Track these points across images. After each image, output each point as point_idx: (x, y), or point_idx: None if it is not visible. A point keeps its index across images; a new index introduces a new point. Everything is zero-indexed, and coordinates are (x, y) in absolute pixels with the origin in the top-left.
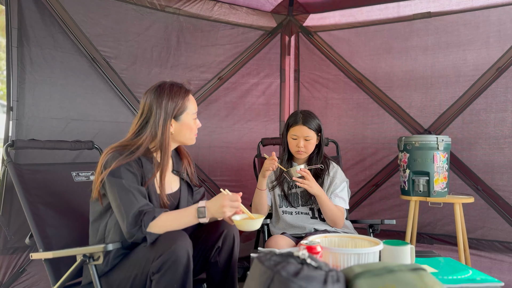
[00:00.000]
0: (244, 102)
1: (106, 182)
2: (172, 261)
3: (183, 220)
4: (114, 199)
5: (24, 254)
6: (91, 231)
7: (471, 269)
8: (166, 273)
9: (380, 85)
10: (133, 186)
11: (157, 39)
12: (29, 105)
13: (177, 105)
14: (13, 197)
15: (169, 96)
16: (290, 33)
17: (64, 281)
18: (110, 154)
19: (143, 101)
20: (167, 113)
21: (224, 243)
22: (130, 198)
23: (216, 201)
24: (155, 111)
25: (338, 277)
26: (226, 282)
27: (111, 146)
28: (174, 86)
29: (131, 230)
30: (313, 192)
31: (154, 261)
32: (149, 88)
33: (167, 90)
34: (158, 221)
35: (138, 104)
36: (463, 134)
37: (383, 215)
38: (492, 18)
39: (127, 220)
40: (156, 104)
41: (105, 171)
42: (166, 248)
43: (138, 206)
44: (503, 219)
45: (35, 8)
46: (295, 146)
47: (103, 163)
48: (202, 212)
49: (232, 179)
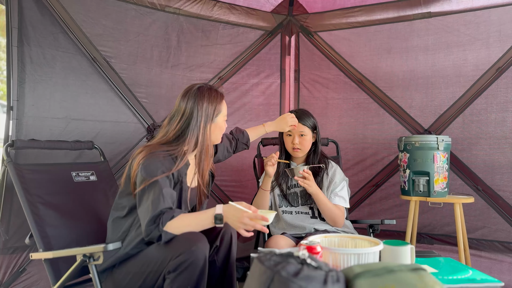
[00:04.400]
0: (244, 102)
1: (141, 182)
2: (190, 262)
3: (200, 223)
4: (145, 198)
5: (24, 254)
6: (112, 226)
7: (471, 269)
8: (182, 273)
9: (380, 85)
10: (166, 190)
11: (157, 39)
12: (29, 105)
13: (216, 108)
14: (13, 197)
15: (209, 99)
16: (290, 33)
17: (64, 281)
18: (150, 154)
19: (183, 104)
20: (208, 116)
21: (222, 242)
22: (160, 199)
23: (235, 213)
24: (196, 114)
25: (338, 277)
26: (224, 281)
27: (150, 144)
28: (212, 89)
29: (149, 227)
30: (310, 191)
31: (172, 260)
32: (187, 91)
33: (206, 93)
34: (176, 221)
35: (138, 104)
36: (464, 134)
37: (383, 215)
38: (492, 18)
39: (148, 218)
40: (197, 107)
41: (144, 171)
42: (186, 249)
43: (162, 207)
44: (503, 219)
45: (36, 8)
46: (290, 143)
47: (142, 162)
48: (220, 219)
49: (232, 179)
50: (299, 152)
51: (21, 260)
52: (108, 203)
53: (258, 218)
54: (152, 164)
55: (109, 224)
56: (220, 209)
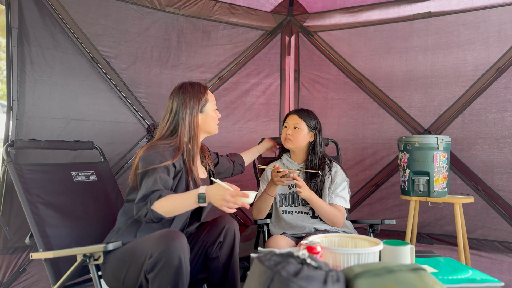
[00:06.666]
0: (244, 102)
1: (141, 171)
2: (163, 263)
3: (184, 202)
4: (143, 184)
5: (24, 254)
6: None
7: (471, 269)
8: (160, 273)
9: (380, 85)
10: (161, 175)
11: (157, 39)
12: (29, 105)
13: (201, 100)
14: (13, 197)
15: (192, 93)
16: (290, 33)
17: (64, 281)
18: (150, 147)
19: (170, 102)
20: (192, 108)
21: (226, 238)
22: (154, 182)
23: (217, 191)
24: (182, 108)
25: (338, 277)
26: (228, 276)
27: (151, 142)
28: (194, 84)
29: (138, 204)
30: (303, 196)
31: (147, 259)
32: (172, 90)
33: (189, 88)
34: (162, 200)
35: (138, 104)
36: (463, 134)
37: (383, 215)
38: (492, 18)
39: (139, 197)
40: (182, 102)
41: (143, 161)
42: (159, 248)
43: (154, 189)
44: (503, 219)
45: (35, 8)
46: (284, 134)
47: (142, 155)
48: (203, 198)
49: (232, 179)
50: (289, 144)
51: (21, 260)
52: (108, 203)
53: (239, 195)
54: (152, 155)
55: (118, 215)
56: (204, 189)
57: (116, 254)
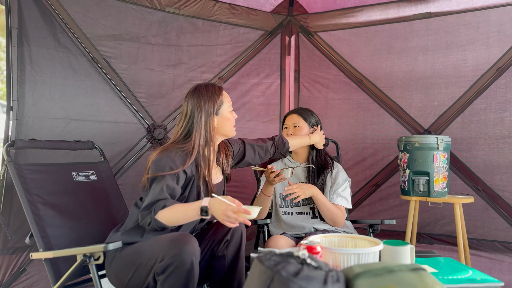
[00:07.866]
0: (244, 102)
1: (151, 176)
2: (176, 266)
3: (187, 214)
4: (151, 190)
5: (24, 254)
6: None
7: (471, 269)
8: (170, 276)
9: (380, 85)
10: (169, 183)
11: (157, 39)
12: (29, 105)
13: (216, 102)
14: (13, 197)
15: (206, 95)
16: (290, 33)
17: (64, 281)
18: (163, 151)
19: (185, 105)
20: (208, 110)
21: (233, 237)
22: (160, 190)
23: (219, 206)
24: (197, 111)
25: (338, 277)
26: (234, 275)
27: (165, 145)
28: (209, 85)
29: (143, 212)
30: (307, 195)
31: (158, 262)
32: (187, 93)
33: (204, 90)
34: (166, 210)
35: (138, 104)
36: (463, 134)
37: (383, 215)
38: (492, 18)
39: (144, 205)
40: (197, 105)
41: (154, 166)
42: (172, 252)
43: (160, 197)
44: (503, 219)
45: (35, 8)
46: (285, 135)
47: (154, 159)
48: (206, 211)
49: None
50: None
51: (21, 260)
52: (108, 203)
53: (241, 212)
54: (162, 160)
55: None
56: (206, 202)
57: (122, 255)
